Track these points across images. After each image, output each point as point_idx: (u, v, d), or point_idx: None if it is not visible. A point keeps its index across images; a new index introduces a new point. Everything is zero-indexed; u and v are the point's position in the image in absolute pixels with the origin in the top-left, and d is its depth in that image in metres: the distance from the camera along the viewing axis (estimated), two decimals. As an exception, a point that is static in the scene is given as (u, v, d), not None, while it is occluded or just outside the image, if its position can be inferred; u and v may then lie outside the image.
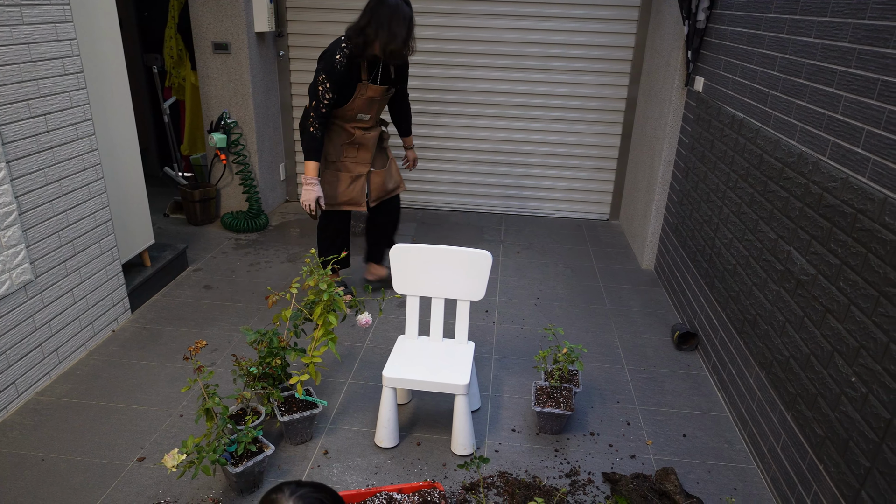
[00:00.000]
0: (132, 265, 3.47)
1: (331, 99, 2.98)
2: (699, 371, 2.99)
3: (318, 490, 1.28)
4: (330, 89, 2.96)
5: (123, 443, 2.38)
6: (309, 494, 1.25)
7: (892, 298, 1.66)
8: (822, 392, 1.97)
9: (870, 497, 1.70)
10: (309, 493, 1.26)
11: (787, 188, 2.28)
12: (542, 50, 4.56)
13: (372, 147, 3.24)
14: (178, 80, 4.90)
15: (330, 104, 3.00)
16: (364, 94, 3.06)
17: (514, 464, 2.36)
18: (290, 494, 1.24)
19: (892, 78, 1.74)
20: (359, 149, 3.22)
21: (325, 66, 2.94)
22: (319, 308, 2.33)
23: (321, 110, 2.99)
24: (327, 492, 1.31)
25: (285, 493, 1.25)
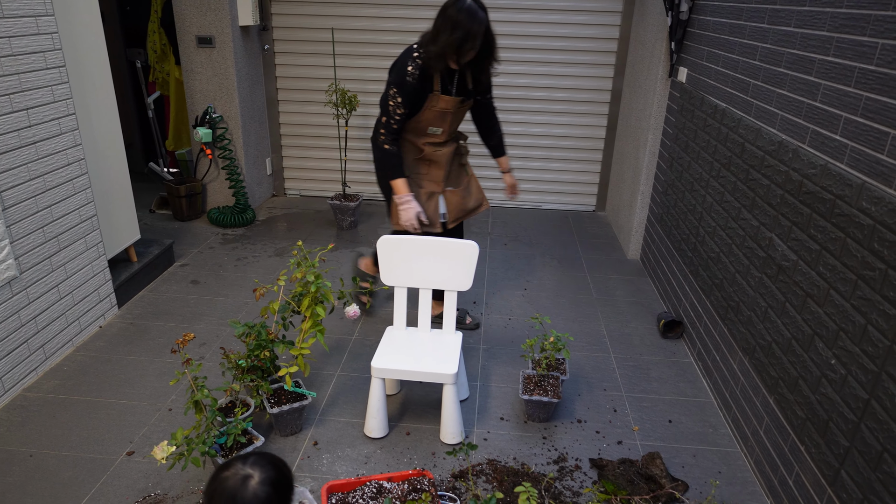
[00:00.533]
0: (118, 261, 3.46)
1: (403, 114, 2.68)
2: (684, 358, 3.03)
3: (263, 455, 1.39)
4: (402, 104, 2.65)
5: (112, 437, 2.38)
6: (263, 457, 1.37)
7: (869, 282, 1.70)
8: (803, 375, 2.01)
9: (849, 476, 1.74)
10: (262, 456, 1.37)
11: (769, 176, 2.32)
12: (528, 42, 4.58)
13: (445, 164, 2.87)
14: (163, 74, 4.87)
15: (402, 119, 2.69)
16: (435, 106, 2.71)
17: (502, 451, 2.39)
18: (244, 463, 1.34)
19: (869, 65, 1.77)
20: (430, 165, 2.86)
21: (396, 78, 2.65)
22: (307, 300, 2.34)
23: (392, 126, 2.69)
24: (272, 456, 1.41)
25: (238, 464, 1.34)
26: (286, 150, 5.08)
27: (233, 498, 1.29)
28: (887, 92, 1.69)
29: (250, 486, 1.30)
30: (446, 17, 2.55)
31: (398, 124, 2.70)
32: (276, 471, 1.34)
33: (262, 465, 1.34)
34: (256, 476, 1.32)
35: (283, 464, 1.39)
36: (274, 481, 1.32)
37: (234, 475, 1.32)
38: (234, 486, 1.30)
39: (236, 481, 1.31)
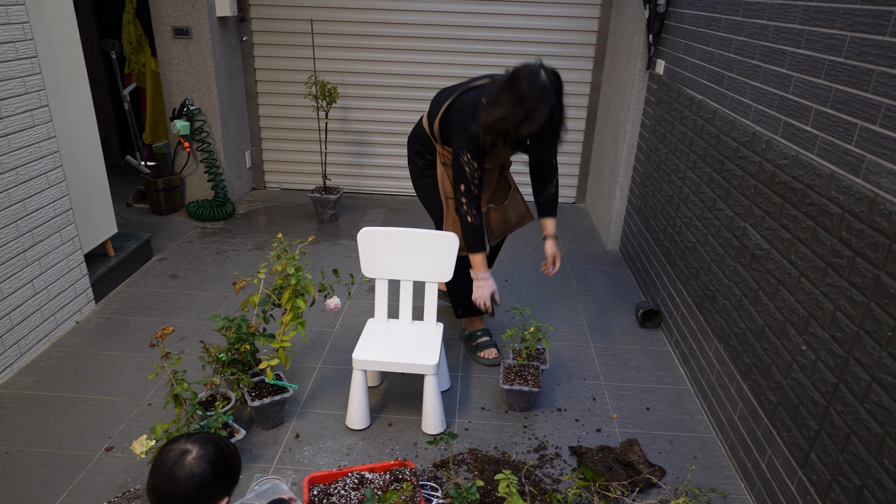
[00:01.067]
0: (95, 255, 3.42)
1: (481, 176, 2.48)
2: (662, 347, 3.08)
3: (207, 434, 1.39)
4: (478, 167, 2.44)
5: (90, 433, 2.36)
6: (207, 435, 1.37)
7: (838, 269, 1.74)
8: (775, 361, 2.05)
9: (819, 458, 1.79)
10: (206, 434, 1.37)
11: (743, 167, 2.36)
12: (507, 35, 4.58)
13: (489, 187, 2.70)
14: (138, 66, 4.80)
15: (481, 181, 2.49)
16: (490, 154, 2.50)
17: (483, 441, 2.41)
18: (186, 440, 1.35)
19: (838, 58, 1.81)
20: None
21: (467, 143, 2.41)
22: (288, 292, 2.34)
23: (473, 192, 2.47)
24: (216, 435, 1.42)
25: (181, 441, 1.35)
26: (266, 142, 5.05)
27: (168, 472, 1.29)
28: (855, 84, 1.73)
29: (186, 461, 1.30)
30: (514, 88, 2.22)
31: (478, 189, 2.49)
32: (216, 450, 1.34)
33: (203, 442, 1.33)
34: (195, 452, 1.31)
35: (227, 445, 1.38)
36: (213, 460, 1.32)
37: (173, 449, 1.32)
38: (171, 460, 1.30)
39: (174, 455, 1.31)
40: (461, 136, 2.44)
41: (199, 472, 1.28)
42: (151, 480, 1.31)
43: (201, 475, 1.28)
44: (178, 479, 1.27)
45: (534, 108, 2.18)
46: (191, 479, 1.28)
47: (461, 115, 2.45)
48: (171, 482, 1.28)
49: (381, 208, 4.83)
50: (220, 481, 1.31)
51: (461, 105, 2.47)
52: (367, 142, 4.99)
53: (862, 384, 1.61)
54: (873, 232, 1.60)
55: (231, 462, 1.36)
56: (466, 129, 2.41)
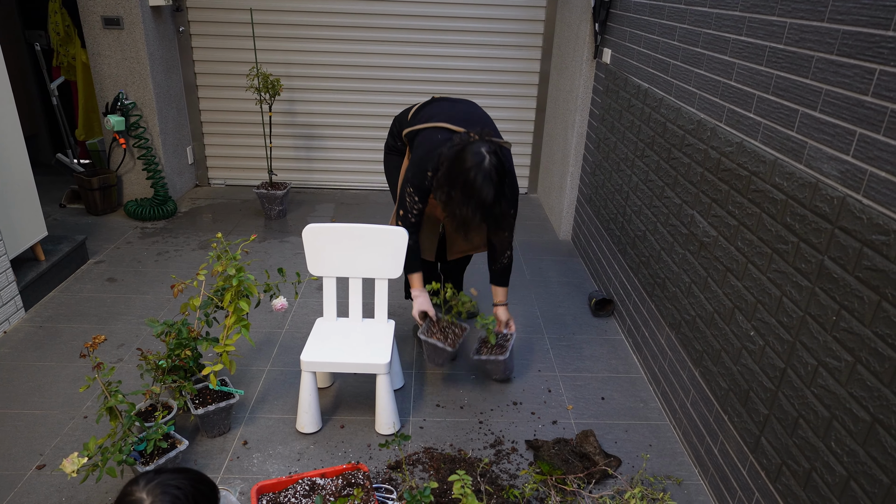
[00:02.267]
0: (23, 260, 3.21)
1: (421, 209, 2.47)
2: (615, 335, 3.09)
3: (177, 475, 1.25)
4: (419, 202, 2.44)
5: (20, 451, 2.21)
6: (166, 482, 1.22)
7: (783, 255, 1.76)
8: (725, 347, 2.07)
9: (768, 442, 1.81)
10: (166, 479, 1.23)
11: (689, 154, 2.36)
12: (454, 24, 4.52)
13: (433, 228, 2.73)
14: (67, 58, 4.54)
15: (420, 214, 2.48)
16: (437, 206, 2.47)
17: (439, 439, 2.37)
18: (146, 484, 1.21)
19: (779, 44, 1.82)
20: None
21: (414, 179, 2.40)
22: (230, 294, 2.23)
23: (410, 220, 2.47)
24: (188, 475, 1.27)
25: (140, 484, 1.21)
26: (208, 137, 4.86)
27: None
28: (796, 70, 1.73)
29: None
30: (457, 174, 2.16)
31: (416, 219, 2.48)
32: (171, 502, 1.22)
33: (160, 492, 1.21)
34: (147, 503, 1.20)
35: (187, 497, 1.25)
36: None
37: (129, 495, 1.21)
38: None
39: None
40: (412, 170, 2.41)
41: None
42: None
43: None
44: None
45: (470, 199, 2.14)
46: None
47: (420, 150, 2.40)
48: None
49: (330, 203, 4.72)
50: None
51: (427, 139, 2.40)
52: (314, 135, 4.86)
53: (809, 368, 1.63)
54: (816, 217, 1.62)
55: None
56: (419, 167, 2.38)
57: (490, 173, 2.14)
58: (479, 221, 2.22)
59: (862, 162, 1.47)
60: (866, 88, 1.46)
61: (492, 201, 2.16)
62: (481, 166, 2.13)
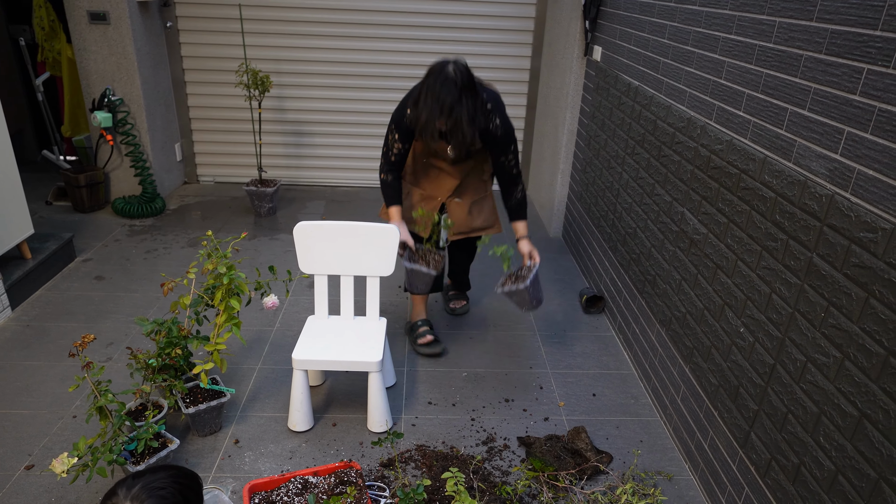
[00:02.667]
0: (9, 258, 3.17)
1: (401, 149, 2.57)
2: (606, 332, 3.11)
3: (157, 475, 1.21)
4: (399, 139, 2.54)
5: (7, 451, 2.19)
6: (147, 485, 1.19)
7: (772, 252, 1.77)
8: (715, 344, 2.09)
9: (758, 437, 1.83)
10: (147, 482, 1.19)
11: (679, 152, 2.38)
12: (445, 21, 4.51)
13: (459, 176, 2.71)
14: (53, 53, 4.49)
15: (400, 154, 2.58)
16: (424, 146, 2.63)
17: (431, 436, 2.37)
18: (127, 491, 1.17)
19: (768, 43, 1.83)
20: (440, 174, 2.71)
21: (395, 115, 2.53)
22: (220, 292, 2.22)
23: (391, 159, 2.60)
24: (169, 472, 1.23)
25: (119, 494, 1.17)
26: (197, 134, 4.82)
27: None
28: (784, 69, 1.75)
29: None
30: (422, 85, 2.35)
31: (397, 158, 2.58)
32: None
33: (145, 497, 1.18)
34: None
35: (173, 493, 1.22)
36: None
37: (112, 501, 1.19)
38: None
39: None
40: (396, 110, 2.55)
41: None
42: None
43: None
44: None
45: (431, 104, 2.28)
46: None
47: (407, 95, 2.54)
48: None
49: (320, 200, 4.70)
50: None
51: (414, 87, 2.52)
52: (304, 132, 4.83)
53: (798, 364, 1.65)
54: (805, 215, 1.63)
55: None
56: (400, 104, 2.53)
57: (451, 77, 2.28)
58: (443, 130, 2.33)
59: (850, 160, 1.48)
60: (854, 87, 1.48)
61: (451, 104, 2.26)
62: (443, 71, 2.29)
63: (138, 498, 1.16)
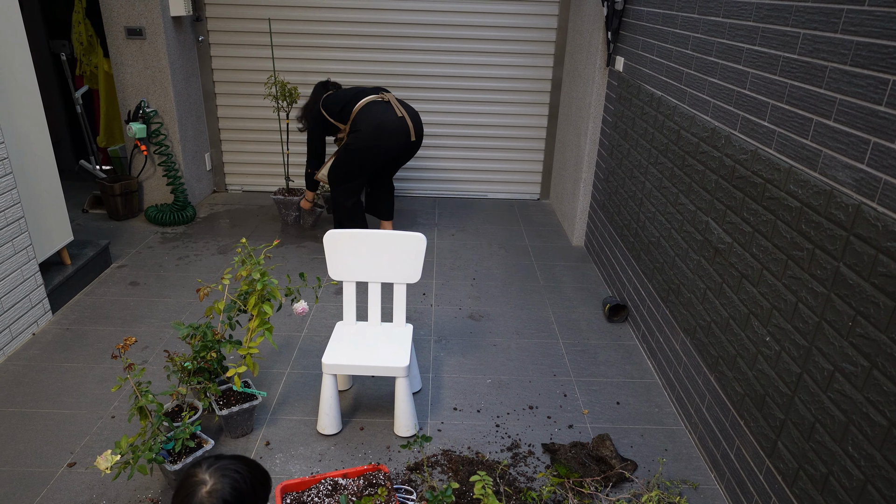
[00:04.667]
0: (50, 264, 3.29)
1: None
2: (630, 341, 3.13)
3: (236, 461, 1.32)
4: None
5: (51, 449, 2.28)
6: (226, 466, 1.29)
7: (798, 261, 1.79)
8: (740, 353, 2.10)
9: (785, 446, 1.84)
10: (226, 464, 1.30)
11: (703, 162, 2.40)
12: (468, 32, 4.58)
13: None
14: (90, 67, 4.64)
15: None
16: None
17: (456, 441, 2.41)
18: (208, 467, 1.28)
19: (792, 54, 1.86)
20: None
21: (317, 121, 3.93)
22: (254, 298, 2.29)
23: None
24: (246, 463, 1.34)
25: (202, 467, 1.28)
26: (226, 144, 4.94)
27: (182, 500, 1.27)
28: (809, 80, 1.77)
29: (199, 495, 1.26)
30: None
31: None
32: (230, 486, 1.28)
33: (219, 476, 1.28)
34: (209, 485, 1.27)
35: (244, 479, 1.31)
36: (226, 497, 1.27)
37: (193, 476, 1.29)
38: (187, 489, 1.28)
39: (190, 484, 1.28)
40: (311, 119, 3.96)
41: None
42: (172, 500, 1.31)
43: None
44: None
45: None
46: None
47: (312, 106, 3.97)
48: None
49: (346, 209, 4.78)
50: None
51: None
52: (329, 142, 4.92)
53: (825, 374, 1.66)
54: (831, 224, 1.65)
55: (245, 497, 1.30)
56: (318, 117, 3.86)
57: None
58: None
59: (877, 170, 1.50)
60: (880, 98, 1.50)
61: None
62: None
63: (215, 475, 1.28)
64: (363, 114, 3.65)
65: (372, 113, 3.64)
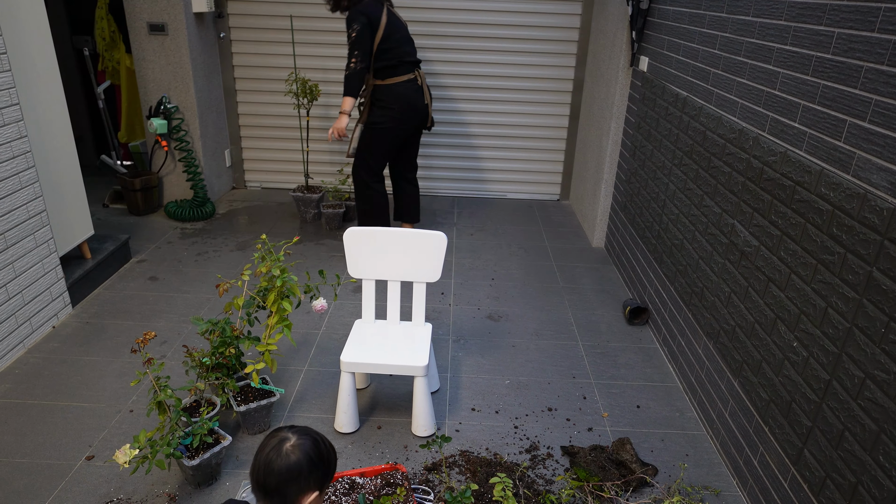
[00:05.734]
0: (71, 258, 3.32)
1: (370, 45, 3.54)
2: (650, 344, 3.08)
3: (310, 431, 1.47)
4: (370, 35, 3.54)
5: (70, 442, 2.29)
6: (307, 429, 1.45)
7: (829, 266, 1.75)
8: (766, 358, 2.06)
9: (812, 455, 1.79)
10: (307, 428, 1.46)
11: (730, 163, 2.36)
12: (489, 31, 4.56)
13: None
14: (112, 63, 4.68)
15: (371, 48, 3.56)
16: None
17: (474, 442, 2.39)
18: (290, 429, 1.44)
19: (825, 54, 1.81)
20: None
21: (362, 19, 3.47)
22: (273, 294, 2.28)
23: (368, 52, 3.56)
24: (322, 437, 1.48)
25: (284, 429, 1.44)
26: (246, 141, 4.96)
27: (266, 456, 1.39)
28: (843, 80, 1.73)
29: (284, 448, 1.39)
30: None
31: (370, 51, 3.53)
32: (312, 443, 1.41)
33: (301, 434, 1.42)
34: (293, 440, 1.40)
35: (323, 441, 1.45)
36: (308, 450, 1.39)
37: (275, 436, 1.42)
38: (270, 445, 1.40)
39: (274, 441, 1.41)
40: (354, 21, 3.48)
41: (293, 460, 1.37)
42: (254, 462, 1.41)
43: (295, 462, 1.37)
44: (273, 463, 1.37)
45: None
46: (285, 464, 1.37)
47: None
48: (268, 465, 1.37)
49: (364, 207, 4.77)
50: (311, 472, 1.39)
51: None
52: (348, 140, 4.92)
53: (855, 381, 1.62)
54: (864, 228, 1.60)
55: (324, 456, 1.43)
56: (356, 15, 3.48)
57: None
58: None
59: (914, 173, 1.45)
60: (920, 99, 1.45)
61: None
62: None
63: (299, 432, 1.42)
64: (400, 90, 3.55)
65: (407, 95, 3.57)
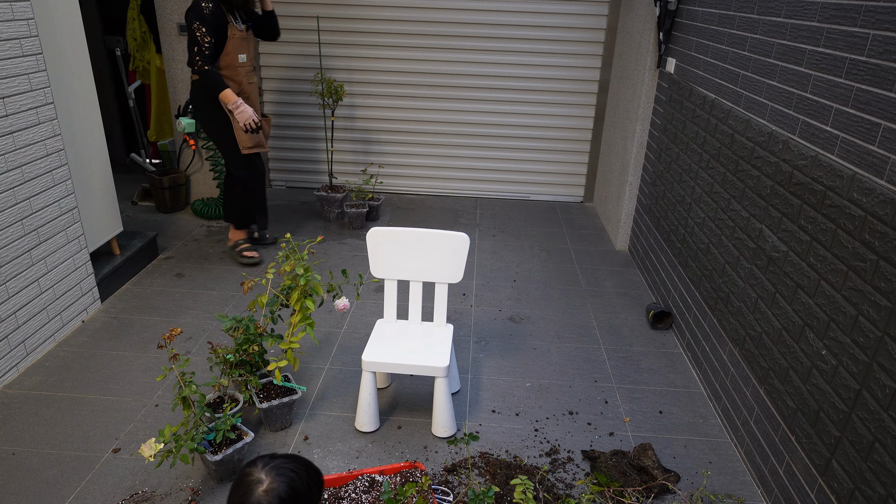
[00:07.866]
0: (100, 254, 3.39)
1: (210, 41, 3.19)
2: (674, 349, 3.05)
3: (291, 461, 1.32)
4: (207, 33, 3.17)
5: (97, 434, 2.34)
6: (281, 465, 1.29)
7: (860, 272, 1.71)
8: (793, 365, 2.02)
9: (840, 465, 1.76)
10: (281, 463, 1.30)
11: (759, 167, 2.32)
12: (515, 32, 4.54)
13: (256, 97, 3.55)
14: (143, 63, 4.77)
15: (211, 46, 3.20)
16: (234, 35, 3.33)
17: (494, 444, 2.38)
18: (263, 466, 1.28)
19: (860, 56, 1.77)
20: (247, 98, 3.49)
21: (196, 15, 3.17)
22: (296, 293, 2.31)
23: (205, 52, 3.19)
24: (301, 462, 1.34)
25: (258, 466, 1.29)
26: (271, 140, 5.01)
27: (240, 499, 1.27)
28: (879, 83, 1.69)
29: (256, 493, 1.26)
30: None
31: (209, 49, 3.20)
32: (287, 485, 1.28)
33: (275, 475, 1.28)
34: (265, 484, 1.27)
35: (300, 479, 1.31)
36: (282, 496, 1.26)
37: (249, 475, 1.29)
38: (245, 486, 1.28)
39: (248, 482, 1.28)
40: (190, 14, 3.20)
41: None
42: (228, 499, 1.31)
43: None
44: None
45: None
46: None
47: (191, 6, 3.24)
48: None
49: (387, 206, 4.80)
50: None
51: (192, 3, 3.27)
52: (373, 140, 4.95)
53: (887, 391, 1.58)
54: (899, 235, 1.57)
55: (301, 496, 1.30)
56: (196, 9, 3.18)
57: None
58: None
59: (952, 179, 1.42)
60: (958, 103, 1.41)
61: None
62: None
63: (270, 474, 1.27)
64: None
65: None
